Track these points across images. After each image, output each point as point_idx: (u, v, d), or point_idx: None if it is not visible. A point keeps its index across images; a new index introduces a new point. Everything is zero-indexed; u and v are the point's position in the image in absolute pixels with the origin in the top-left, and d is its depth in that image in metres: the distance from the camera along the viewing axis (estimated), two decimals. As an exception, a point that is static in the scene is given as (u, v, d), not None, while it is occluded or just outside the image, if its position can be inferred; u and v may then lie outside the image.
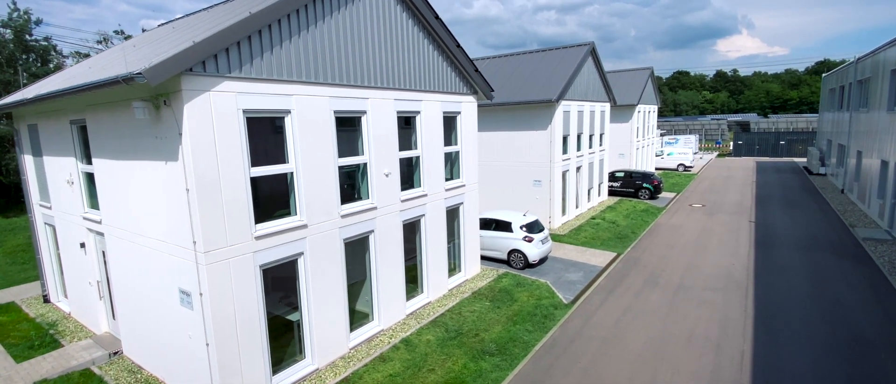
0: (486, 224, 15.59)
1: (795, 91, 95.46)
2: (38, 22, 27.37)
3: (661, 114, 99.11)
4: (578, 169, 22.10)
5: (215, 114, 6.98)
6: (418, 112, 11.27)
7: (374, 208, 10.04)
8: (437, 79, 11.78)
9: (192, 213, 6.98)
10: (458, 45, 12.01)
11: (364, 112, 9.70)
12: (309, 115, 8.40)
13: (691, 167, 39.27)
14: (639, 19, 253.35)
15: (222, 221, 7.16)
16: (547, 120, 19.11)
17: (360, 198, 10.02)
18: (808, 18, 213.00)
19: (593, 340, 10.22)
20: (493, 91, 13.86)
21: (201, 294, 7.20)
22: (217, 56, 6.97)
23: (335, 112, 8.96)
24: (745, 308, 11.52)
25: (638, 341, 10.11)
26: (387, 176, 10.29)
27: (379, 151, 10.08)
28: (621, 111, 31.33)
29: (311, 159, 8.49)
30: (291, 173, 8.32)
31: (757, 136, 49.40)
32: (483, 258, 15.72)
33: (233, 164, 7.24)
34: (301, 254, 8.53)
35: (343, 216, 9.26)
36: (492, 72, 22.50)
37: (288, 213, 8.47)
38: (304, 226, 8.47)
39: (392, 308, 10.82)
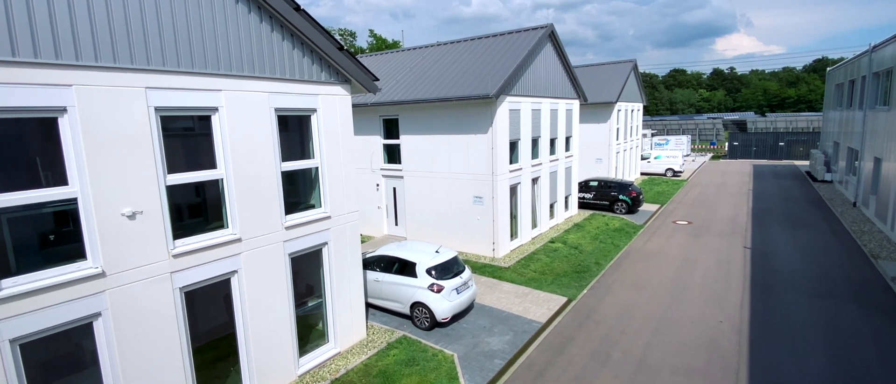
0: (389, 264, 11.44)
1: (794, 89, 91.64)
2: None
3: (655, 112, 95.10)
4: (535, 180, 17.97)
5: None
6: (214, 109, 7.10)
7: (100, 275, 5.88)
8: (259, 58, 7.62)
9: None
10: (299, 9, 7.86)
11: (63, 110, 5.54)
12: None
13: (681, 172, 35.19)
14: (637, 18, 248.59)
15: None
16: (487, 121, 14.96)
17: (76, 260, 5.86)
18: (805, 17, 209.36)
19: None
20: (376, 80, 9.71)
21: None
22: None
23: (-37, 110, 4.81)
24: (734, 416, 7.44)
25: None
26: (131, 218, 6.14)
27: (111, 176, 5.92)
28: (598, 110, 27.23)
29: None
30: None
31: (754, 137, 45.25)
32: (384, 311, 11.61)
33: None
34: None
35: (8, 299, 5.11)
36: (431, 61, 18.34)
37: None
38: None
39: (162, 429, 6.68)
